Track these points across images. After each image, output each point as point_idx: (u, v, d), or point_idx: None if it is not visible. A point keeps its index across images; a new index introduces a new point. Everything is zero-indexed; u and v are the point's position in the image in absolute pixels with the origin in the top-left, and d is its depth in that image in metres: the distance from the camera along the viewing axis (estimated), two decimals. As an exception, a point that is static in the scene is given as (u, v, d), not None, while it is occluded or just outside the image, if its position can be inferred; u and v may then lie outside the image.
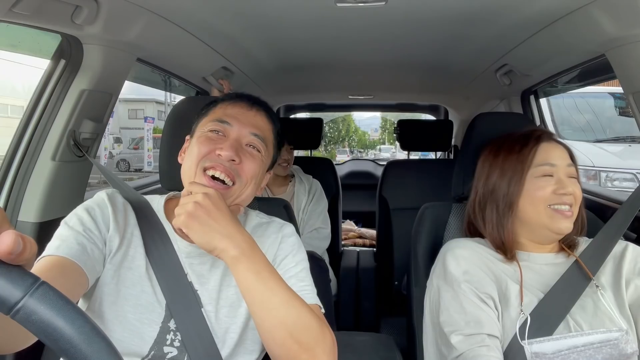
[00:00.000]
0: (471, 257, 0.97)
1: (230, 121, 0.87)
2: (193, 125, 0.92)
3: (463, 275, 0.94)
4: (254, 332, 0.88)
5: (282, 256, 0.91)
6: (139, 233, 0.86)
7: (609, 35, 1.09)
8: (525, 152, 0.98)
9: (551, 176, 0.95)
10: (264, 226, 0.96)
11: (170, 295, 0.82)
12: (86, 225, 0.80)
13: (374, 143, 32.13)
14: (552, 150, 0.98)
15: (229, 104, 0.90)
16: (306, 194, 2.12)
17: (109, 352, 0.41)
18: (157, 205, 0.91)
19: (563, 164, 0.96)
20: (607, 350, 0.84)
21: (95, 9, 1.01)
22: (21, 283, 0.39)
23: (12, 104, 14.10)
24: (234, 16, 1.28)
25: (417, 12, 1.25)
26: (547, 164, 0.96)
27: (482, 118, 1.26)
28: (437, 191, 1.74)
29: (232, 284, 0.87)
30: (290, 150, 2.13)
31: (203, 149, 0.84)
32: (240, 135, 0.87)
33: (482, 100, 2.46)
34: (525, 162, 0.97)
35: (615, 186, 3.93)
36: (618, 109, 4.91)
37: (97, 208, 0.84)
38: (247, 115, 0.89)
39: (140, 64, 1.39)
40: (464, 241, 1.02)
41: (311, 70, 2.05)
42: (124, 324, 0.80)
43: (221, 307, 0.86)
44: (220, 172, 0.82)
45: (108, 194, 0.88)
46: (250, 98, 0.93)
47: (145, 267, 0.84)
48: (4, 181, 1.17)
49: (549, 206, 0.94)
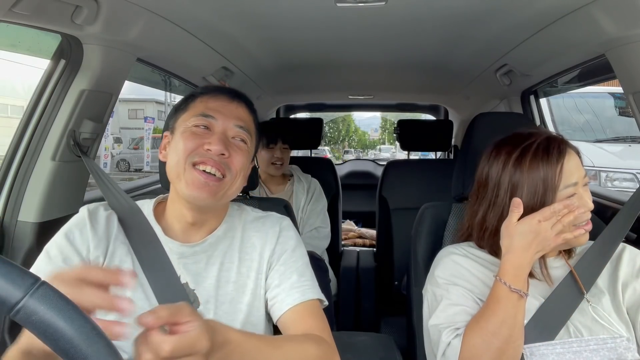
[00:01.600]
0: (467, 263, 0.96)
1: (214, 115, 0.86)
2: (170, 121, 0.92)
3: (453, 281, 0.93)
4: (254, 328, 0.88)
5: (281, 251, 0.91)
6: (125, 241, 0.86)
7: (609, 35, 1.09)
8: (550, 173, 0.87)
9: (574, 195, 0.89)
10: (262, 220, 0.95)
11: (162, 298, 0.82)
12: (66, 254, 0.81)
13: (374, 143, 32.14)
14: (571, 162, 0.89)
15: (210, 97, 0.89)
16: (305, 193, 2.11)
17: (109, 352, 0.41)
18: (147, 209, 0.91)
19: (581, 176, 0.90)
20: (604, 354, 0.83)
21: (95, 9, 1.01)
22: (21, 283, 0.39)
23: (12, 104, 14.11)
24: (234, 16, 1.28)
25: (417, 12, 1.25)
26: (570, 185, 0.88)
27: (482, 118, 1.26)
28: (437, 191, 1.74)
29: (230, 280, 0.88)
30: (285, 150, 2.10)
31: (190, 144, 0.83)
32: (226, 128, 0.86)
33: (482, 100, 2.46)
34: (554, 186, 0.87)
35: (615, 186, 3.93)
36: (618, 109, 4.91)
37: (75, 230, 0.84)
38: (230, 108, 0.88)
39: (140, 64, 1.39)
40: (460, 247, 1.01)
41: (311, 70, 2.05)
42: None
43: (220, 303, 0.86)
44: (211, 167, 0.82)
45: (89, 210, 0.88)
46: (230, 91, 0.92)
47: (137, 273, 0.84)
48: (4, 181, 1.17)
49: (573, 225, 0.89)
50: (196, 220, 0.88)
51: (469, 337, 0.83)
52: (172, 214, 0.89)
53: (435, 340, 0.90)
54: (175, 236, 0.88)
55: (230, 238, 0.91)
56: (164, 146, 0.92)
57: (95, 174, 1.07)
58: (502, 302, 0.83)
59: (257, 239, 0.92)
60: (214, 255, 0.88)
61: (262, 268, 0.90)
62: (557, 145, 0.90)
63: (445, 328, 0.88)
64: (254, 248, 0.91)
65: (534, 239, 0.83)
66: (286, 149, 2.10)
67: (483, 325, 0.83)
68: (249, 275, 0.89)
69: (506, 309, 0.82)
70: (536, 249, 0.84)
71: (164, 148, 0.92)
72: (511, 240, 0.85)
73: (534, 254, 0.84)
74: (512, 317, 0.82)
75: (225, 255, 0.89)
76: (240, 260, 0.90)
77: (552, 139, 0.92)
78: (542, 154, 0.89)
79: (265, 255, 0.90)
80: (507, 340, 0.81)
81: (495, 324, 0.82)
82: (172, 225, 0.89)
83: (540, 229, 0.83)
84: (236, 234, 0.92)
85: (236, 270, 0.89)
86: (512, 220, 0.86)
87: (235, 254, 0.90)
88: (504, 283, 0.84)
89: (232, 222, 0.93)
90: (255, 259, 0.90)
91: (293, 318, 0.85)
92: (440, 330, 0.89)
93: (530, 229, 0.83)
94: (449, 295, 0.92)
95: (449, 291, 0.93)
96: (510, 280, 0.83)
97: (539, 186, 0.88)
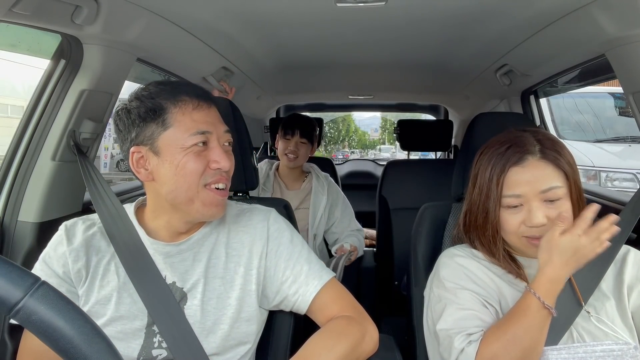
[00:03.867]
0: (472, 265, 0.95)
1: (208, 129, 0.82)
2: (139, 135, 0.82)
3: (462, 284, 0.92)
4: (247, 323, 0.88)
5: (277, 245, 0.91)
6: (109, 250, 0.87)
7: (609, 35, 1.09)
8: (494, 180, 0.90)
9: (521, 205, 0.89)
10: (247, 214, 0.95)
11: (148, 300, 0.83)
12: (45, 278, 0.82)
13: (374, 143, 32.11)
14: (521, 174, 0.88)
15: (192, 109, 0.82)
16: (325, 194, 2.07)
17: (109, 352, 0.41)
18: (130, 213, 0.91)
19: (533, 191, 0.87)
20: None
21: (95, 9, 1.01)
22: (21, 283, 0.39)
23: (12, 104, 14.08)
24: (234, 16, 1.28)
25: (417, 12, 1.25)
26: (512, 195, 0.88)
27: (482, 118, 1.26)
28: (437, 191, 1.74)
29: (217, 276, 0.88)
30: (303, 144, 2.01)
31: (199, 166, 0.81)
32: (219, 137, 0.85)
33: (482, 100, 2.46)
34: (497, 193, 0.90)
35: (615, 186, 3.93)
36: (618, 109, 4.91)
37: (51, 252, 0.86)
38: (213, 115, 0.85)
39: (140, 64, 1.39)
40: (460, 248, 1.00)
41: (311, 70, 2.05)
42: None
43: (208, 299, 0.86)
44: (224, 183, 0.84)
45: (67, 226, 0.89)
46: (200, 94, 0.85)
47: (121, 279, 0.85)
48: (4, 181, 1.17)
49: (522, 236, 0.90)
50: (188, 228, 0.88)
51: (488, 344, 0.82)
52: (160, 224, 0.88)
53: (446, 345, 0.88)
54: (159, 237, 0.88)
55: (216, 234, 0.91)
56: (140, 164, 0.83)
57: (87, 175, 1.04)
58: (529, 314, 0.81)
59: (245, 234, 0.92)
60: (200, 252, 0.89)
61: (252, 264, 0.89)
62: (518, 152, 0.89)
63: (457, 334, 0.87)
64: (242, 244, 0.91)
65: (573, 254, 0.81)
66: (304, 144, 2.02)
67: (505, 332, 0.81)
68: (236, 271, 0.89)
69: (532, 321, 0.81)
70: (574, 266, 0.82)
71: (141, 167, 0.83)
72: (550, 254, 0.82)
73: (571, 270, 0.83)
74: (538, 330, 0.81)
75: (212, 251, 0.89)
76: (228, 256, 0.90)
77: (522, 144, 0.90)
78: (500, 156, 0.91)
79: (256, 250, 0.90)
80: (528, 350, 0.80)
81: (518, 333, 0.80)
82: (158, 230, 0.89)
83: (580, 244, 0.81)
84: (222, 229, 0.92)
85: (223, 266, 0.89)
86: (554, 234, 0.82)
87: (222, 250, 0.90)
88: (537, 297, 0.81)
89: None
90: (244, 254, 0.90)
91: (319, 305, 0.89)
92: (451, 335, 0.87)
93: (572, 245, 0.81)
94: (458, 299, 0.91)
95: (457, 295, 0.91)
96: (543, 294, 0.81)
97: (484, 187, 0.91)
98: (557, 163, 0.88)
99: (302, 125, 2.02)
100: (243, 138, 1.18)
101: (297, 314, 0.95)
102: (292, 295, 0.89)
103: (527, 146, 0.89)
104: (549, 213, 0.87)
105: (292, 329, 1.01)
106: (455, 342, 0.86)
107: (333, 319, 0.86)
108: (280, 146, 2.03)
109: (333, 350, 0.79)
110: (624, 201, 1.02)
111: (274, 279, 0.90)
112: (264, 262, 0.90)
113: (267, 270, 0.90)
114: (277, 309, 0.94)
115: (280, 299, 0.91)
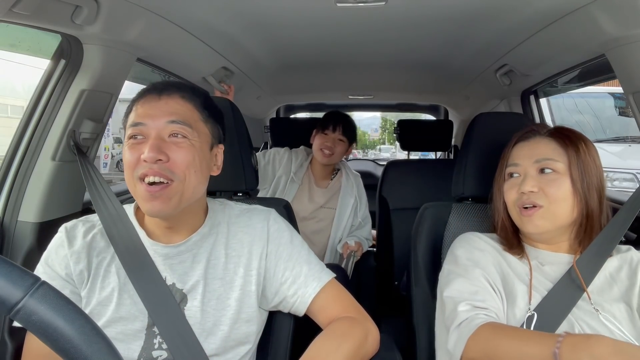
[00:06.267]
0: (484, 248, 0.99)
1: (143, 121, 0.81)
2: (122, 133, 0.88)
3: (474, 262, 0.95)
4: (247, 324, 0.88)
5: (277, 246, 0.91)
6: (109, 251, 0.86)
7: (609, 35, 1.09)
8: (504, 157, 1.00)
9: (519, 176, 0.95)
10: (247, 214, 0.95)
11: (148, 301, 0.82)
12: (47, 279, 0.82)
13: (374, 143, 32.10)
14: (525, 147, 0.96)
15: (139, 102, 0.84)
16: (353, 196, 2.04)
17: (109, 352, 0.41)
18: (130, 214, 0.91)
19: (530, 161, 0.93)
20: None
21: (95, 9, 1.01)
22: (21, 283, 0.39)
23: (12, 104, 14.08)
24: (234, 16, 1.28)
25: (417, 12, 1.25)
26: (512, 164, 0.97)
27: (482, 118, 1.26)
28: (437, 191, 1.73)
29: (217, 277, 0.88)
30: (340, 142, 1.96)
31: (130, 158, 0.80)
32: (159, 130, 0.80)
33: (482, 100, 2.46)
34: (503, 166, 0.99)
35: (615, 186, 3.93)
36: (618, 109, 4.91)
37: (52, 253, 0.86)
38: (158, 106, 0.82)
39: (140, 64, 1.39)
40: (477, 234, 1.04)
41: (311, 70, 2.05)
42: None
43: (208, 300, 0.86)
44: (153, 176, 0.78)
45: (67, 228, 0.88)
46: (157, 87, 0.85)
47: (122, 280, 0.85)
48: (4, 181, 1.17)
49: (519, 207, 0.93)
50: (171, 224, 0.87)
51: (485, 339, 0.81)
52: (149, 220, 0.89)
53: (451, 309, 0.89)
54: (158, 238, 0.88)
55: (215, 234, 0.91)
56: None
57: (87, 175, 1.04)
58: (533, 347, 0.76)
59: (245, 235, 0.91)
60: (199, 253, 0.88)
61: (252, 264, 0.89)
62: (528, 131, 0.99)
63: (462, 301, 0.88)
64: (242, 244, 0.90)
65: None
66: (342, 142, 1.97)
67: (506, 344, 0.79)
68: (236, 272, 0.89)
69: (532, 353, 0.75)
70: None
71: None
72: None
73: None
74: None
75: (211, 252, 0.89)
76: (227, 257, 0.89)
77: (536, 127, 1.00)
78: (513, 138, 1.01)
79: (256, 251, 0.90)
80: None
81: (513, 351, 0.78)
82: (153, 229, 0.89)
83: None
84: (221, 230, 0.91)
85: (223, 267, 0.88)
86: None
87: (221, 250, 0.89)
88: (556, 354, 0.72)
89: (215, 218, 0.92)
90: (243, 255, 0.90)
91: (319, 307, 0.89)
92: (456, 302, 0.89)
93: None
94: (468, 274, 0.93)
95: (468, 270, 0.94)
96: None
97: (499, 165, 1.02)
98: (563, 141, 0.93)
99: (344, 121, 1.98)
100: (243, 138, 1.18)
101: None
102: (290, 296, 0.89)
103: (538, 129, 0.98)
104: (542, 184, 0.91)
105: (292, 329, 1.01)
106: (460, 306, 0.88)
107: (336, 320, 0.86)
108: (316, 141, 1.98)
109: (339, 351, 0.79)
110: (624, 201, 1.02)
111: (274, 280, 0.90)
112: (264, 263, 0.90)
113: (267, 271, 0.90)
114: (276, 310, 0.94)
115: (279, 300, 0.90)
